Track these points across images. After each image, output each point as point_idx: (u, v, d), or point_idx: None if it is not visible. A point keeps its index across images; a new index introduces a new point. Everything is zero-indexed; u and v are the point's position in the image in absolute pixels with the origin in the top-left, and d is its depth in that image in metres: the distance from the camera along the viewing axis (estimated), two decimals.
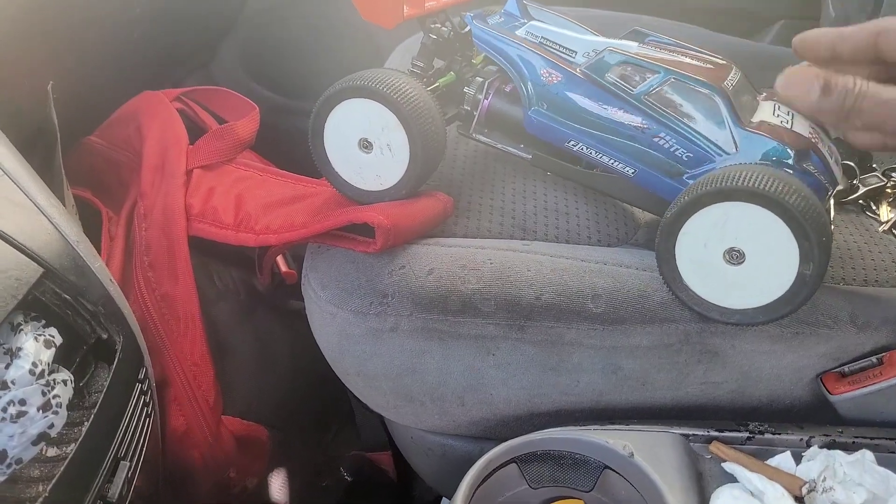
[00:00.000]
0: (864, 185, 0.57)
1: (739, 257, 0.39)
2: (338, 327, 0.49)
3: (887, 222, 0.55)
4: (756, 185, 0.37)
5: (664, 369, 0.45)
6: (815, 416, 0.47)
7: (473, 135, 0.52)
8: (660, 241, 0.41)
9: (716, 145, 0.42)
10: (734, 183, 0.37)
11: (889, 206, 0.58)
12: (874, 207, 0.57)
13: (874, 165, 0.59)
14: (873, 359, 0.44)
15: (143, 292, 0.50)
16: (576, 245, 0.50)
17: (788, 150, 0.41)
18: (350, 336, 0.48)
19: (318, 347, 0.51)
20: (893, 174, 0.59)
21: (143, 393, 0.39)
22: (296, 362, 0.66)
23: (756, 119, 0.44)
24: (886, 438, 0.40)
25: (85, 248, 0.38)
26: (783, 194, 0.36)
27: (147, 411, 0.40)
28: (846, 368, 0.45)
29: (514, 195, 0.55)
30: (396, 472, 0.70)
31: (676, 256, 0.41)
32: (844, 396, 0.43)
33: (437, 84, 0.52)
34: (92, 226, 0.55)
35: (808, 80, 0.39)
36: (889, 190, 0.57)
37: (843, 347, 0.45)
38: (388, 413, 0.53)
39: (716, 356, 0.45)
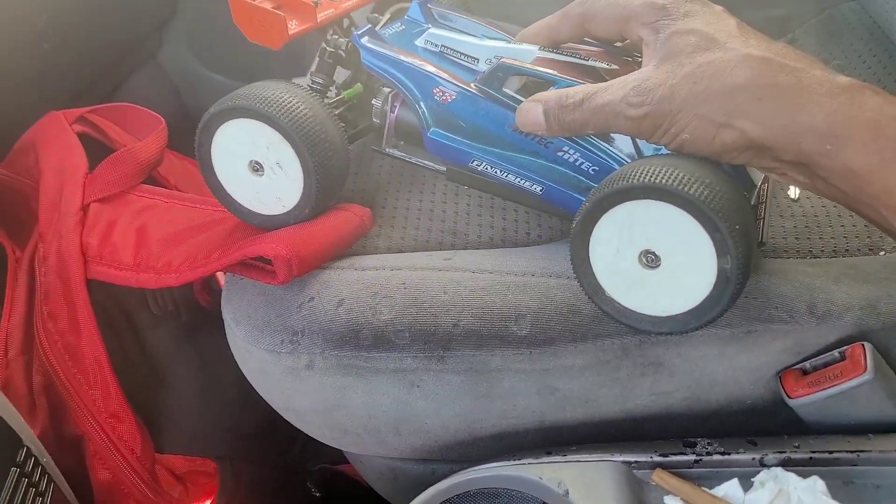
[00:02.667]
0: None
1: (655, 260, 0.35)
2: (256, 365, 0.45)
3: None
4: (653, 179, 0.32)
5: (606, 386, 0.41)
6: (780, 415, 0.42)
7: (385, 149, 0.47)
8: (573, 254, 0.36)
9: (621, 156, 0.39)
10: (631, 180, 0.33)
11: None
12: None
13: None
14: (836, 353, 0.40)
15: (44, 344, 0.46)
16: (509, 249, 0.46)
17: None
18: (269, 374, 0.45)
19: None
20: None
21: (24, 475, 0.36)
22: (247, 383, 0.63)
23: None
24: (847, 451, 0.36)
25: None
26: (682, 184, 0.32)
27: (39, 489, 0.37)
28: (808, 364, 0.41)
29: (446, 195, 0.50)
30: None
31: (593, 267, 0.36)
32: (804, 401, 0.39)
33: (341, 96, 0.47)
34: None
35: (532, 111, 0.38)
36: None
37: (803, 341, 0.41)
38: (329, 442, 0.50)
39: (661, 367, 0.41)
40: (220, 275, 0.65)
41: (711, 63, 0.33)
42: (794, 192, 0.50)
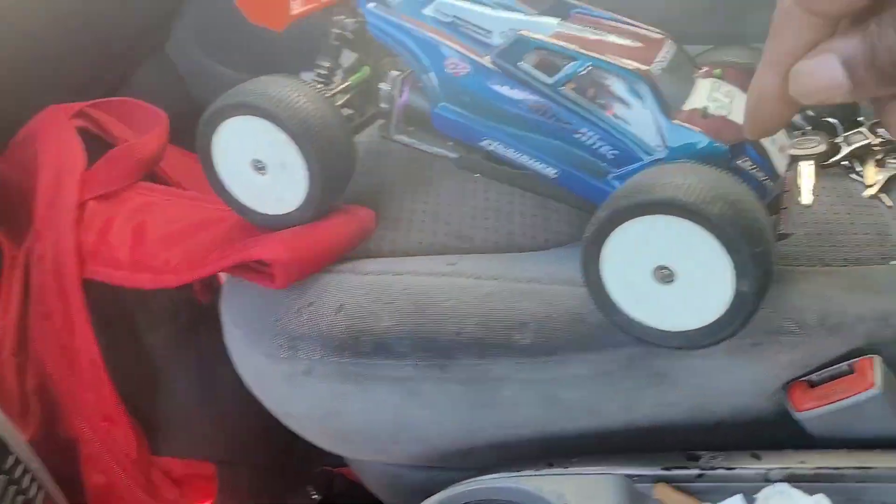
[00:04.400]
0: (849, 144, 0.51)
1: (670, 276, 0.34)
2: (253, 368, 0.45)
3: (873, 185, 0.49)
4: (674, 195, 0.31)
5: (610, 396, 0.40)
6: (786, 427, 0.42)
7: (394, 136, 0.46)
8: (583, 265, 0.35)
9: (642, 141, 0.37)
10: (651, 194, 0.32)
11: (878, 165, 0.52)
12: (859, 169, 0.51)
13: (861, 118, 0.52)
14: (844, 365, 0.39)
15: (38, 345, 0.45)
16: (515, 254, 0.45)
17: (721, 146, 0.35)
18: (266, 378, 0.44)
19: None
20: (881, 129, 0.52)
21: (13, 483, 0.35)
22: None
23: (689, 106, 0.38)
24: (854, 468, 0.35)
25: None
26: (706, 203, 0.31)
27: (28, 496, 0.37)
28: (815, 377, 0.40)
29: (451, 197, 0.49)
30: None
31: (604, 280, 0.35)
32: (810, 414, 0.38)
33: (347, 83, 0.46)
34: None
35: (825, 68, 0.23)
36: (876, 147, 0.51)
37: (812, 353, 0.40)
38: (327, 447, 0.49)
39: (666, 378, 0.40)
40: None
41: None
42: (806, 197, 0.49)
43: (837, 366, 0.39)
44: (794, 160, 0.46)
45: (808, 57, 0.23)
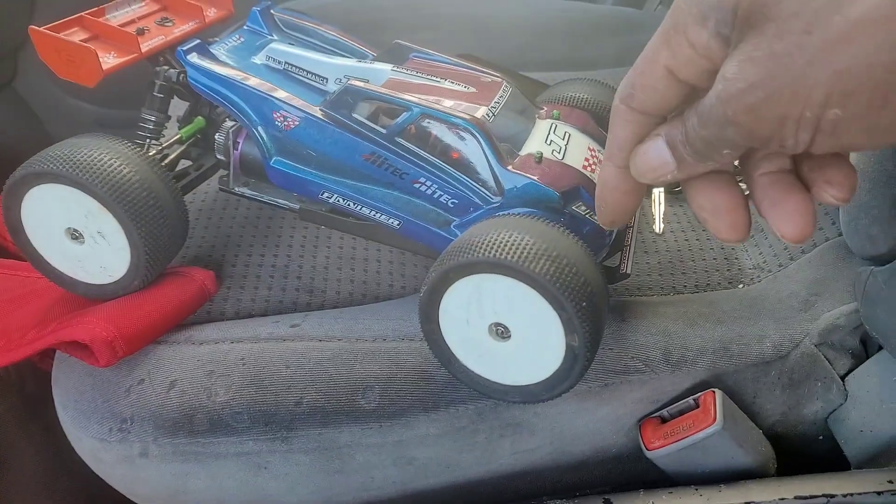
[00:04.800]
0: None
1: (506, 332, 0.33)
2: (88, 452, 0.41)
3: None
4: (497, 254, 0.30)
5: (466, 450, 0.39)
6: (645, 460, 0.42)
7: (234, 189, 0.44)
8: (422, 324, 0.34)
9: (480, 189, 0.36)
10: (475, 253, 0.31)
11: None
12: None
13: None
14: (691, 400, 0.40)
15: None
16: (364, 307, 0.43)
17: (552, 192, 0.35)
18: (102, 461, 0.40)
19: None
20: None
21: None
22: None
23: (525, 150, 0.38)
24: None
25: None
26: (527, 261, 0.30)
27: None
28: (665, 412, 0.40)
29: (304, 248, 0.47)
30: None
31: (444, 336, 0.34)
32: (659, 453, 0.38)
33: (178, 136, 0.43)
34: None
35: (652, 151, 0.25)
36: None
37: (660, 389, 0.40)
38: None
39: (519, 427, 0.39)
40: None
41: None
42: (658, 225, 0.50)
43: (685, 400, 0.40)
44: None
45: (642, 142, 0.26)
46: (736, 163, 0.26)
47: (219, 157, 0.43)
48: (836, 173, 0.23)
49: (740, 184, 0.27)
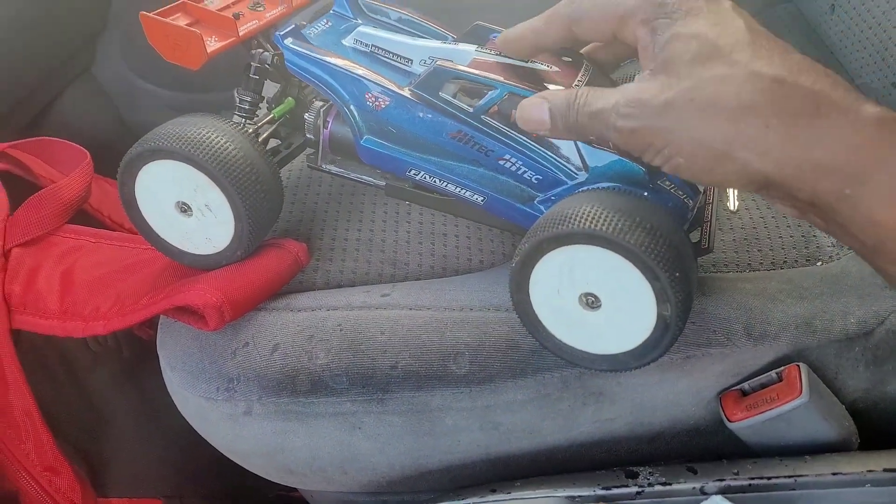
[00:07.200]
0: None
1: (595, 302, 0.34)
2: (193, 411, 0.44)
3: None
4: (592, 226, 0.32)
5: (549, 417, 0.41)
6: (723, 433, 0.43)
7: (322, 166, 0.46)
8: (512, 294, 0.36)
9: (564, 165, 0.37)
10: (570, 225, 0.32)
11: None
12: None
13: None
14: (773, 374, 0.40)
15: None
16: (450, 279, 0.45)
17: (639, 168, 0.36)
18: (207, 420, 0.43)
19: None
20: None
21: None
22: None
23: None
24: (785, 476, 0.36)
25: None
26: (623, 232, 0.31)
27: None
28: (746, 385, 0.41)
29: (385, 223, 0.49)
30: None
31: (534, 306, 0.36)
32: (742, 424, 0.39)
33: (271, 115, 0.45)
34: None
35: (537, 109, 0.34)
36: None
37: (741, 363, 0.41)
38: (276, 480, 0.49)
39: (602, 396, 0.41)
40: None
41: (713, 79, 0.28)
42: (732, 203, 0.50)
43: (767, 374, 0.40)
44: None
45: (535, 96, 0.35)
46: None
47: (308, 135, 0.45)
48: None
49: None
